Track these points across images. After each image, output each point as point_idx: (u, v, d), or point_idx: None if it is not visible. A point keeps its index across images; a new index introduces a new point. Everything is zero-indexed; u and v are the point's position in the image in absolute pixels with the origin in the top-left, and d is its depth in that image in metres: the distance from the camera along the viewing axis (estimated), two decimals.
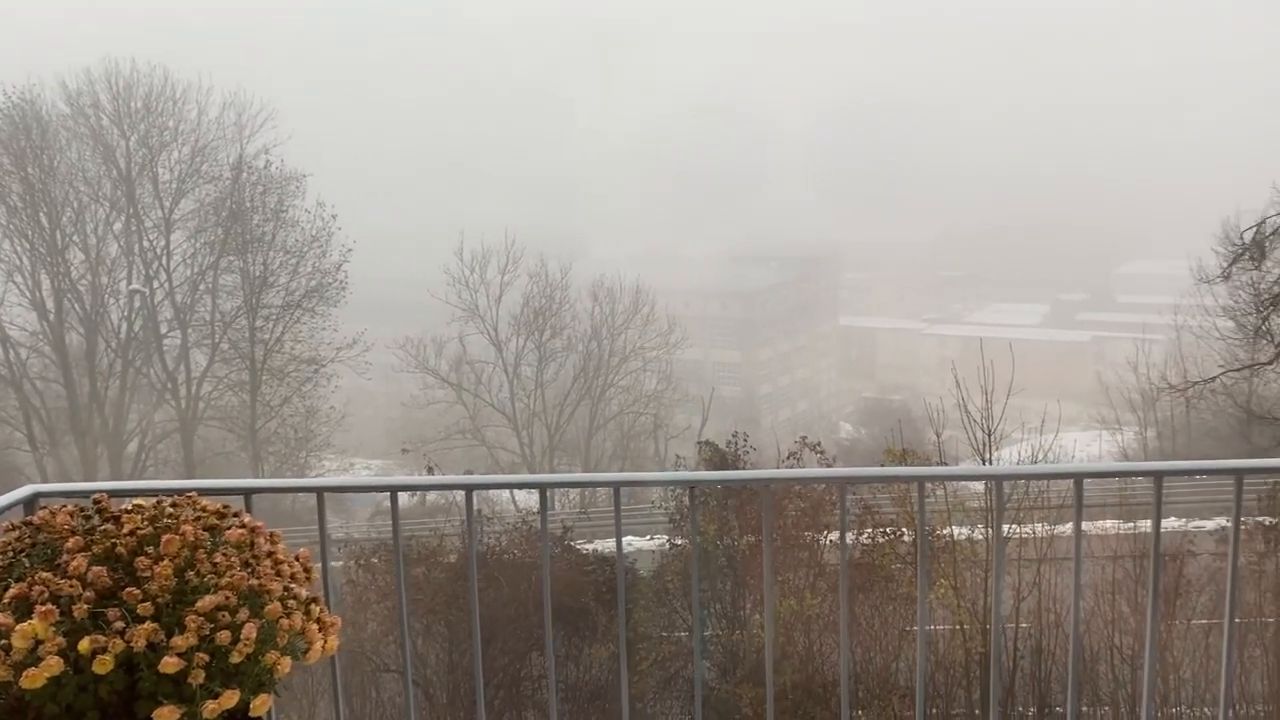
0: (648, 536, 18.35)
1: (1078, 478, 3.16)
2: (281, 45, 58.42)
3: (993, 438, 13.09)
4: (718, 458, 15.11)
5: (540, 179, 57.38)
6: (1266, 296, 17.77)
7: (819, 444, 15.31)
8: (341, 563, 14.26)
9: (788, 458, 15.10)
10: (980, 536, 12.59)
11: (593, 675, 13.00)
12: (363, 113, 58.76)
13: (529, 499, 21.30)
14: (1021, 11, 72.63)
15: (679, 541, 14.20)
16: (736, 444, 15.11)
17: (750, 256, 55.78)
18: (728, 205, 59.96)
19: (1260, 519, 12.36)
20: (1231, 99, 56.92)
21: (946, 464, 13.96)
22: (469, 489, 3.32)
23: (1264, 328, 17.95)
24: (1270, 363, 18.13)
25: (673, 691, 13.22)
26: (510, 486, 8.36)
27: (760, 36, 74.66)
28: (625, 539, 19.50)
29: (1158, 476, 3.13)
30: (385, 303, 36.62)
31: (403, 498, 3.19)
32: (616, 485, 3.33)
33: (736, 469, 14.38)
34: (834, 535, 13.26)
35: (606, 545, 15.46)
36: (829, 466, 15.06)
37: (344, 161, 43.18)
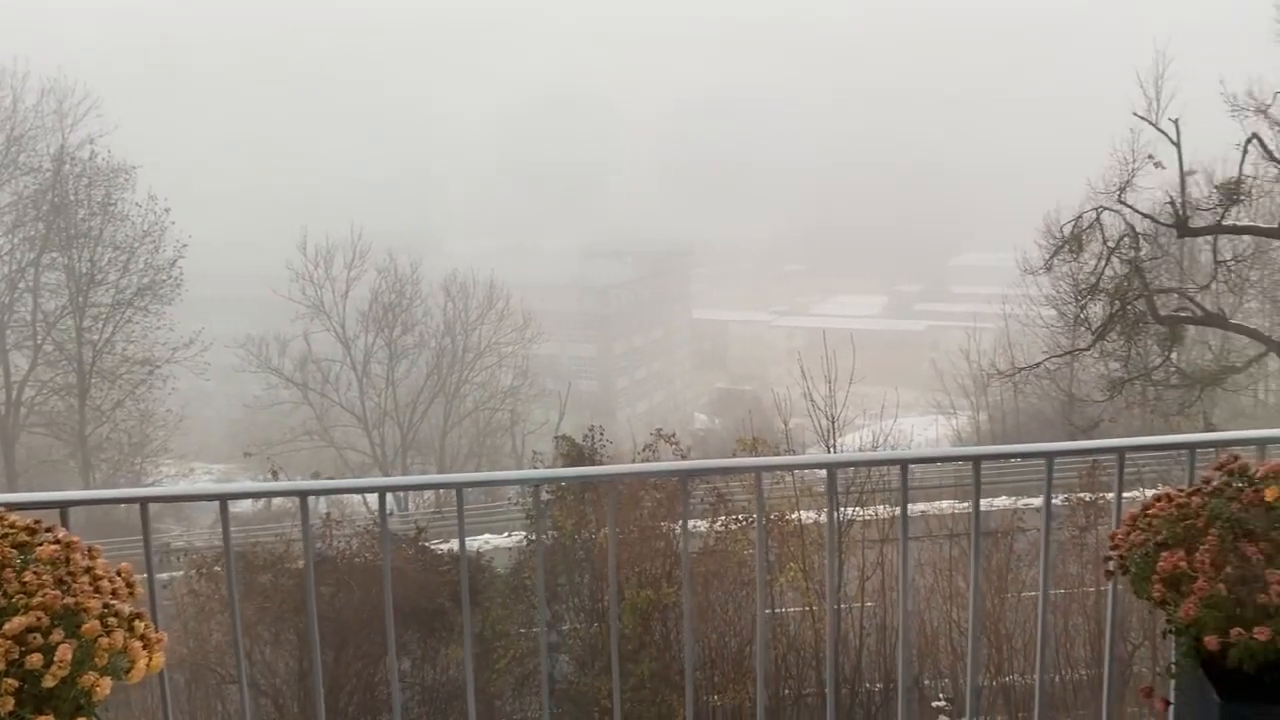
0: (505, 533, 18.23)
1: (903, 464, 3.36)
2: (105, 31, 55.21)
3: (836, 424, 13.58)
4: (575, 452, 15.11)
5: (388, 172, 56.12)
6: (1084, 286, 19.00)
7: (674, 435, 15.52)
8: (183, 572, 13.66)
9: (643, 450, 15.25)
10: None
11: (450, 676, 12.87)
12: (197, 102, 56.14)
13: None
14: (856, 9, 75.42)
15: (536, 537, 14.17)
16: (593, 438, 15.16)
17: (604, 251, 56.12)
18: (580, 200, 60.05)
19: (1082, 495, 13.20)
20: (1053, 98, 60.46)
21: (794, 451, 14.38)
22: (303, 495, 3.22)
23: (1082, 316, 19.17)
24: (1088, 349, 19.38)
25: (531, 688, 13.21)
26: (348, 491, 8.12)
27: (608, 29, 75.07)
28: (483, 536, 19.26)
29: (976, 461, 3.35)
30: (224, 300, 35.10)
31: (247, 502, 3.09)
32: (459, 486, 3.29)
33: (593, 463, 14.43)
34: (690, 524, 13.48)
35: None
36: (683, 458, 15.28)
37: (177, 153, 41.20)
